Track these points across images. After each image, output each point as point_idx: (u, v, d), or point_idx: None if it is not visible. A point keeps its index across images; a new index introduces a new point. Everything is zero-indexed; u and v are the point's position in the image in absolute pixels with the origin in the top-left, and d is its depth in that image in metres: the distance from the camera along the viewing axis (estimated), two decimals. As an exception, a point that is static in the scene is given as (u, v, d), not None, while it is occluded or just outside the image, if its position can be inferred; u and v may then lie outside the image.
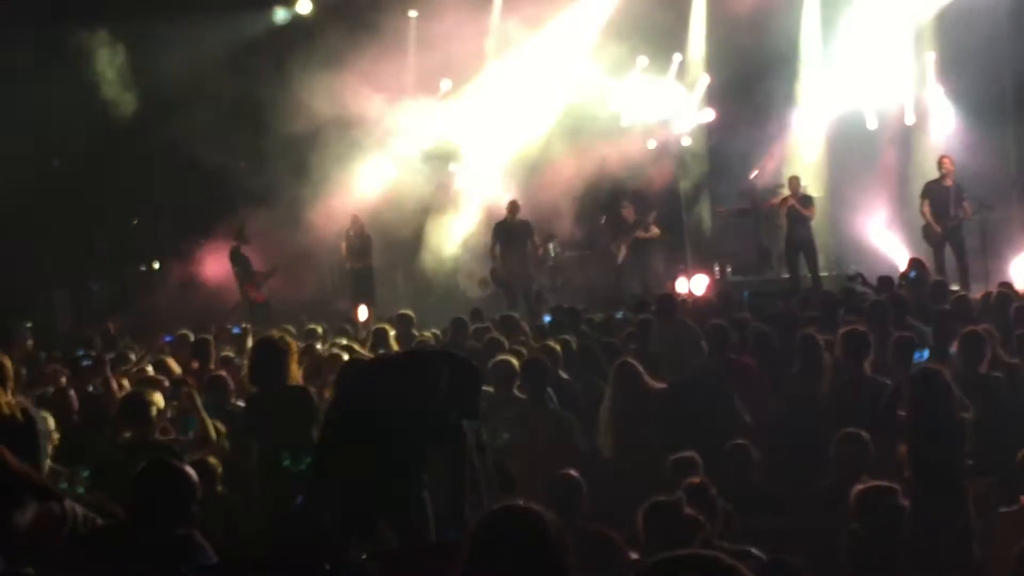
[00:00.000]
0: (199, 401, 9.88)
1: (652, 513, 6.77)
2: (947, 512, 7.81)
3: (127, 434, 9.32)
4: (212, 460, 8.76)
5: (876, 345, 10.37)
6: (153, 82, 23.78)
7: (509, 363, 10.65)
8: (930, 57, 25.91)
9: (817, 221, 23.61)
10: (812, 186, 24.50)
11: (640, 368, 10.50)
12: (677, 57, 27.54)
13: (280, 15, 26.67)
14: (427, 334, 15.88)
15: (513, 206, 23.48)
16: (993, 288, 15.81)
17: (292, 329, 15.69)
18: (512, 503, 4.33)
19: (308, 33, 25.37)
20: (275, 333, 10.94)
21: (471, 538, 4.23)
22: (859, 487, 7.48)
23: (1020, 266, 21.16)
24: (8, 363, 8.07)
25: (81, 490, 8.25)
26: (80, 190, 24.34)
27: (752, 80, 26.17)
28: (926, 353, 10.84)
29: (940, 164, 21.54)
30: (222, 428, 9.81)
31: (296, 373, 9.34)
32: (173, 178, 25.16)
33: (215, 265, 24.72)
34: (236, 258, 23.40)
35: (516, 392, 10.36)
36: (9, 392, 7.74)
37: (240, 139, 23.58)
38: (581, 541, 5.61)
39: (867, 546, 7.26)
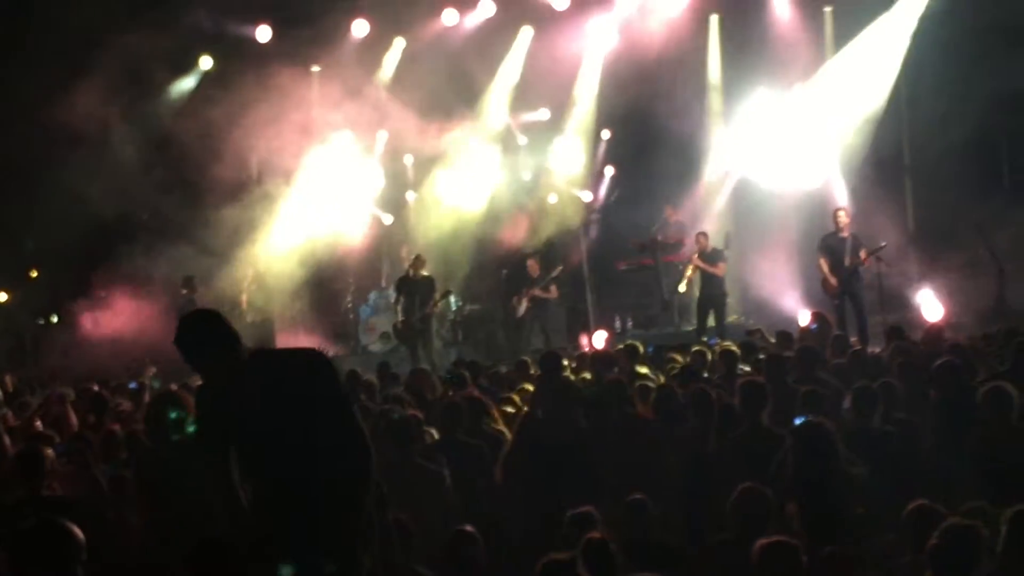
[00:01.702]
0: (89, 456, 9.75)
1: (546, 571, 6.73)
2: (839, 568, 7.80)
3: (18, 490, 9.16)
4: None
5: (775, 398, 10.43)
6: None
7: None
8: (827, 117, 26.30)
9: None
10: (717, 240, 24.60)
11: (538, 418, 10.50)
12: (577, 111, 27.74)
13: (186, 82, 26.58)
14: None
15: (417, 261, 23.46)
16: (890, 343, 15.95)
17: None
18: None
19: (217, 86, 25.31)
20: (173, 387, 10.82)
21: None
22: (761, 542, 7.47)
23: (925, 298, 21.39)
24: None
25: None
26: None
27: (653, 136, 26.38)
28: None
29: (835, 217, 21.68)
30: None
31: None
32: (72, 228, 24.84)
33: (114, 318, 24.43)
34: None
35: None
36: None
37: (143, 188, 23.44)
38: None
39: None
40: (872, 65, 25.34)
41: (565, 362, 14.66)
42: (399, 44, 27.07)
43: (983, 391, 9.91)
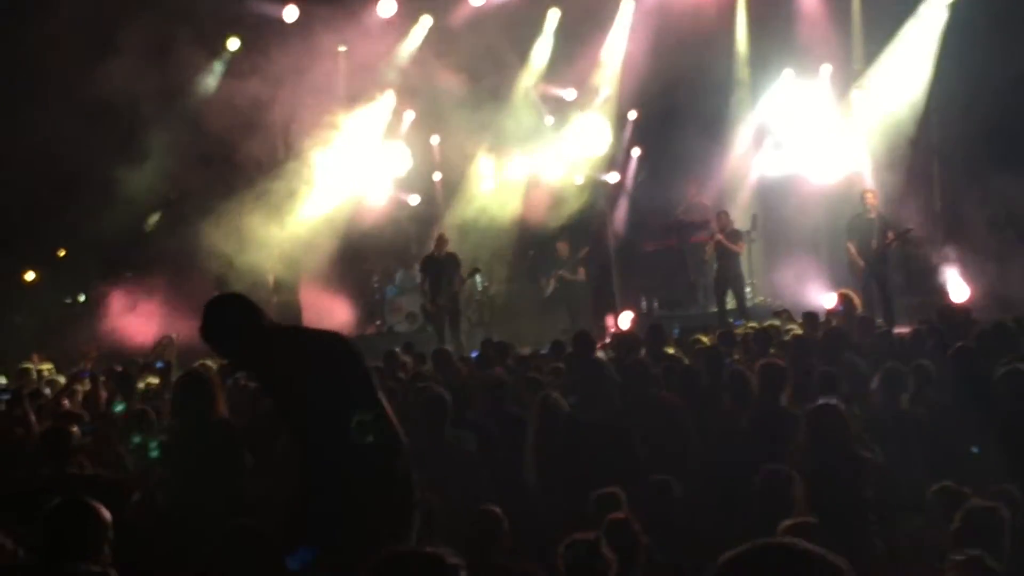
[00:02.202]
0: (114, 435, 9.76)
1: (569, 551, 6.71)
2: (851, 551, 7.68)
3: (45, 469, 9.20)
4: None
5: (800, 380, 10.40)
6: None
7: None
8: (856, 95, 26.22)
9: (744, 255, 23.74)
10: (740, 221, 24.56)
11: (563, 401, 10.45)
12: (605, 91, 27.67)
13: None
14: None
15: (441, 240, 23.41)
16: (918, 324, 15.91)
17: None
18: (418, 548, 4.18)
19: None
20: (204, 364, 10.82)
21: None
22: (786, 523, 7.44)
23: (951, 280, 21.34)
24: None
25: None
26: (5, 221, 24.00)
27: (680, 116, 26.32)
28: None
29: (863, 198, 21.61)
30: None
31: (222, 406, 9.19)
32: (99, 209, 24.86)
33: (140, 299, 24.49)
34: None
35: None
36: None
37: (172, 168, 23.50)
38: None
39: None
40: (904, 49, 25.21)
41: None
42: (426, 22, 27.00)
43: (1001, 373, 9.83)
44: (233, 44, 26.12)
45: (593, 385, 11.18)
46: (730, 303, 23.36)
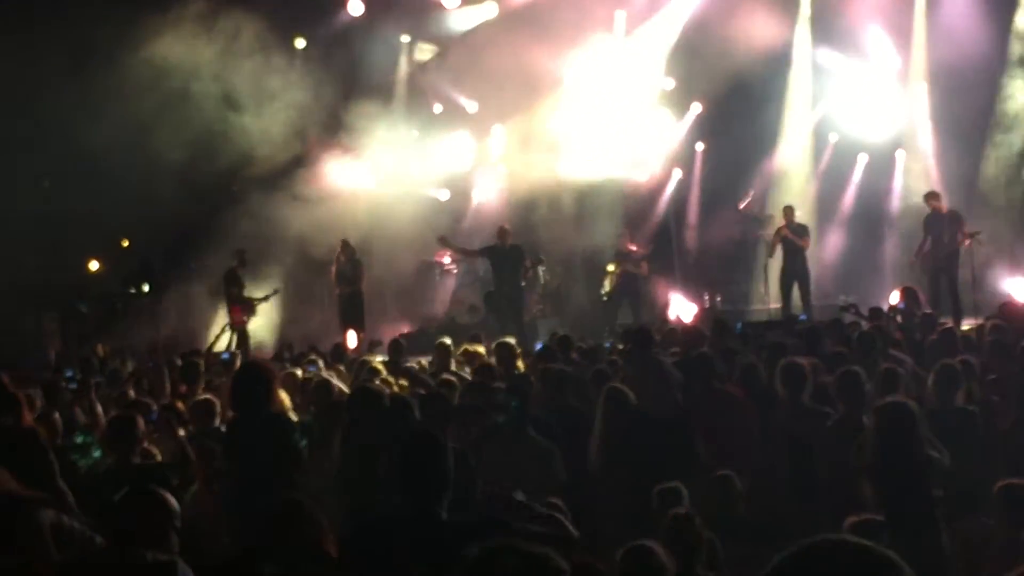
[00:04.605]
0: (176, 425, 9.84)
1: (627, 557, 6.69)
2: (921, 549, 7.64)
3: (110, 458, 9.29)
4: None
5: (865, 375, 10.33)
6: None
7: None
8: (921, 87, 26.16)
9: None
10: (801, 215, 24.50)
11: (630, 394, 10.44)
12: (669, 84, 27.70)
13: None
14: (415, 365, 15.75)
15: (503, 232, 23.39)
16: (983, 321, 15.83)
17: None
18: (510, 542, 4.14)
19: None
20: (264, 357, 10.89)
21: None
22: (851, 519, 7.42)
23: (1016, 284, 21.22)
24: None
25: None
26: (71, 210, 24.17)
27: (742, 109, 26.32)
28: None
29: (931, 196, 21.60)
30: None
31: (280, 399, 9.24)
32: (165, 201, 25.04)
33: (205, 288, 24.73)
34: (231, 279, 23.30)
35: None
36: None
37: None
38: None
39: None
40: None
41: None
42: (491, 10, 27.10)
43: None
44: (300, 43, 26.27)
45: (652, 380, 11.18)
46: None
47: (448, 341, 15.43)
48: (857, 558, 2.88)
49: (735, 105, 26.59)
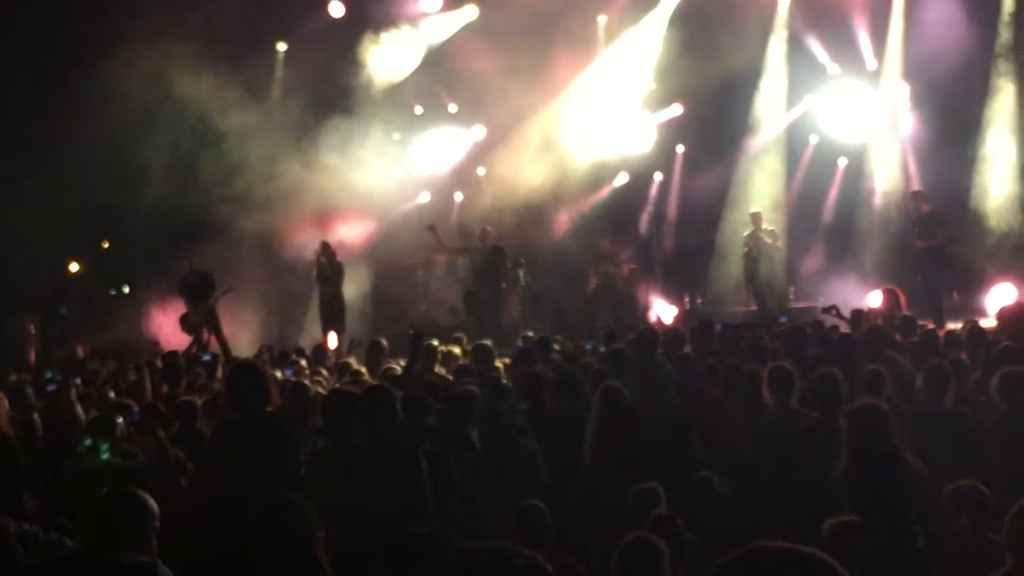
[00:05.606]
0: (158, 426, 9.80)
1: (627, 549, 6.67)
2: (895, 551, 7.64)
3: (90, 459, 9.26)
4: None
5: (845, 379, 10.33)
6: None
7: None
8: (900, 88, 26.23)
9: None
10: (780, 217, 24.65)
11: (626, 392, 10.42)
12: (649, 87, 27.71)
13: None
14: (395, 366, 15.68)
15: (485, 233, 23.38)
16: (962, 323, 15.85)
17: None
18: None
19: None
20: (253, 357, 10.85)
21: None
22: (830, 521, 7.43)
23: (995, 297, 21.24)
24: None
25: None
26: (52, 213, 24.09)
27: (723, 111, 26.41)
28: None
29: (915, 196, 21.82)
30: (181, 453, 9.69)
31: (276, 398, 9.20)
32: (144, 200, 24.95)
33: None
34: (182, 287, 23.02)
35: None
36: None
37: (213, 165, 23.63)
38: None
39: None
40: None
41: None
42: (471, 12, 27.11)
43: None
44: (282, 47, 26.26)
45: (654, 381, 11.20)
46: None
47: (436, 343, 15.37)
48: (791, 564, 2.91)
49: (716, 107, 26.65)
